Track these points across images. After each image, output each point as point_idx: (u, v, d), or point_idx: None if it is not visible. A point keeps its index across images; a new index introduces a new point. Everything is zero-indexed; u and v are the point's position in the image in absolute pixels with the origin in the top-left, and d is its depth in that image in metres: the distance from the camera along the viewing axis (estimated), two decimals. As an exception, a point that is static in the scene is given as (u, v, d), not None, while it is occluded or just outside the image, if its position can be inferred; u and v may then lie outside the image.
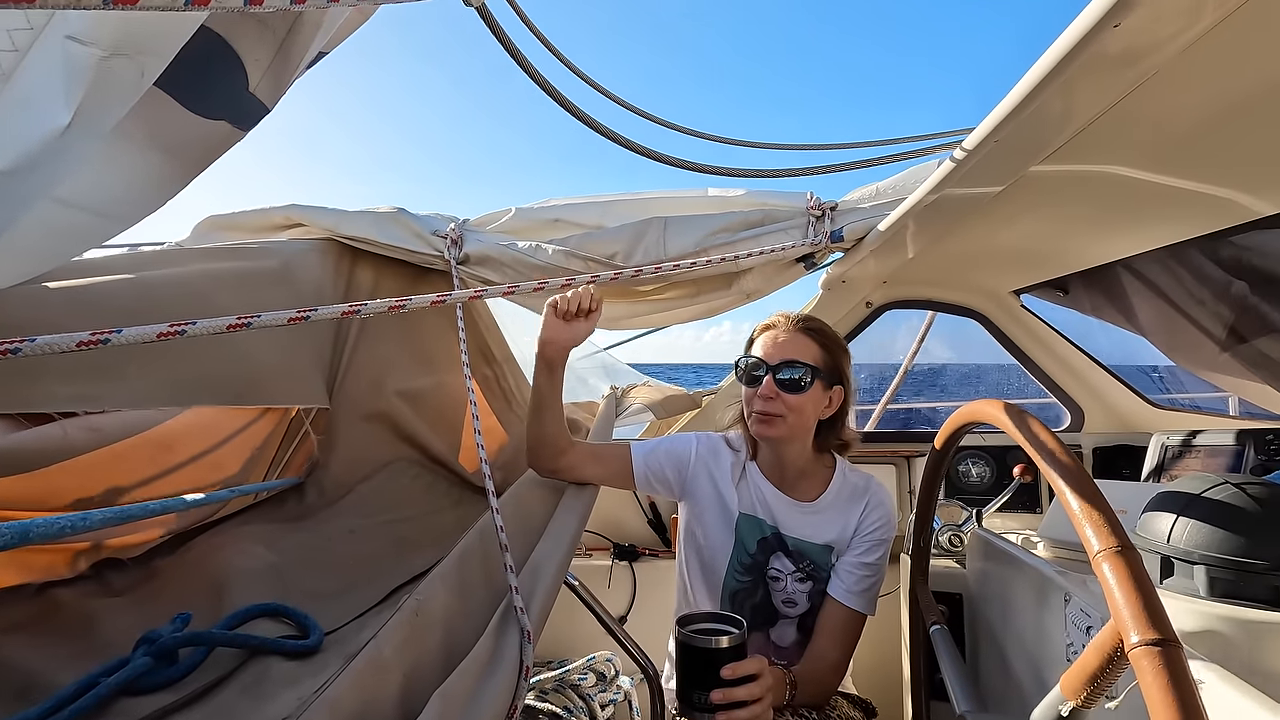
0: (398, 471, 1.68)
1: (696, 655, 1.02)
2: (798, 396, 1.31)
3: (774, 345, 1.34)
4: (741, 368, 1.38)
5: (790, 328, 1.36)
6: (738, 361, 1.40)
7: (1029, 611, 1.06)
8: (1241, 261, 1.46)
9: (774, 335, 1.36)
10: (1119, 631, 0.47)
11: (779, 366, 1.31)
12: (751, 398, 1.34)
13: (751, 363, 1.35)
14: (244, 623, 0.91)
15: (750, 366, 1.35)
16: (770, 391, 1.31)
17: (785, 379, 1.30)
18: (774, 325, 1.39)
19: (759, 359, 1.34)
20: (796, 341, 1.34)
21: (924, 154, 1.78)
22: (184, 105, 0.92)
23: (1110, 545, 0.51)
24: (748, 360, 1.36)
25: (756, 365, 1.34)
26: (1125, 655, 0.46)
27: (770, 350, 1.34)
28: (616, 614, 2.17)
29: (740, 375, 1.38)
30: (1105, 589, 0.49)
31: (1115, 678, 0.54)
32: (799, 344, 1.33)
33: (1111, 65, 0.74)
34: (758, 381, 1.33)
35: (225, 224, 1.91)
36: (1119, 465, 2.03)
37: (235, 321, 0.77)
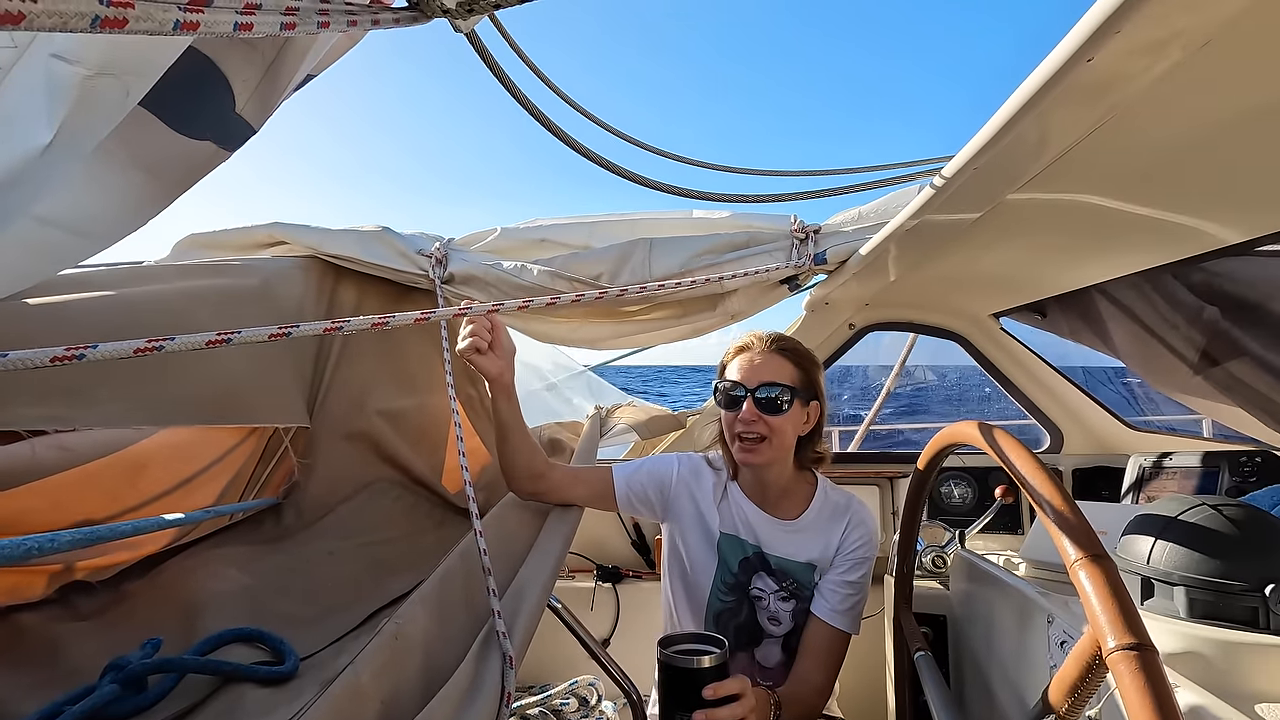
0: (379, 492, 1.65)
1: (678, 675, 1.01)
2: (778, 418, 1.32)
3: (751, 368, 1.35)
4: (720, 391, 1.38)
5: (765, 349, 1.37)
6: (715, 385, 1.41)
7: (1012, 633, 1.07)
8: (1213, 287, 1.49)
9: (750, 358, 1.37)
10: (1096, 639, 0.48)
11: (758, 389, 1.32)
12: (732, 421, 1.34)
13: (729, 385, 1.35)
14: (217, 648, 0.89)
15: (728, 389, 1.35)
16: (752, 415, 1.31)
17: (765, 400, 1.31)
18: (748, 347, 1.39)
19: (737, 382, 1.34)
20: (772, 362, 1.35)
21: (905, 180, 1.82)
22: (169, 125, 0.91)
23: (1086, 554, 0.51)
24: (725, 384, 1.37)
25: (735, 388, 1.34)
26: (1103, 662, 0.47)
27: (748, 373, 1.34)
28: (599, 636, 2.15)
29: (718, 399, 1.39)
30: (1082, 596, 0.50)
31: (1096, 686, 0.54)
32: (775, 364, 1.34)
33: (1084, 97, 0.76)
34: (737, 405, 1.33)
35: (206, 242, 1.89)
36: (1098, 486, 2.06)
37: (215, 337, 0.77)
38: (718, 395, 1.39)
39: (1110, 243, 1.35)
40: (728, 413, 1.36)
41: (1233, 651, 0.73)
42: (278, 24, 0.56)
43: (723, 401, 1.38)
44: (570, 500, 1.38)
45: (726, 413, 1.37)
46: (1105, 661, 0.46)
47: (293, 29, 0.57)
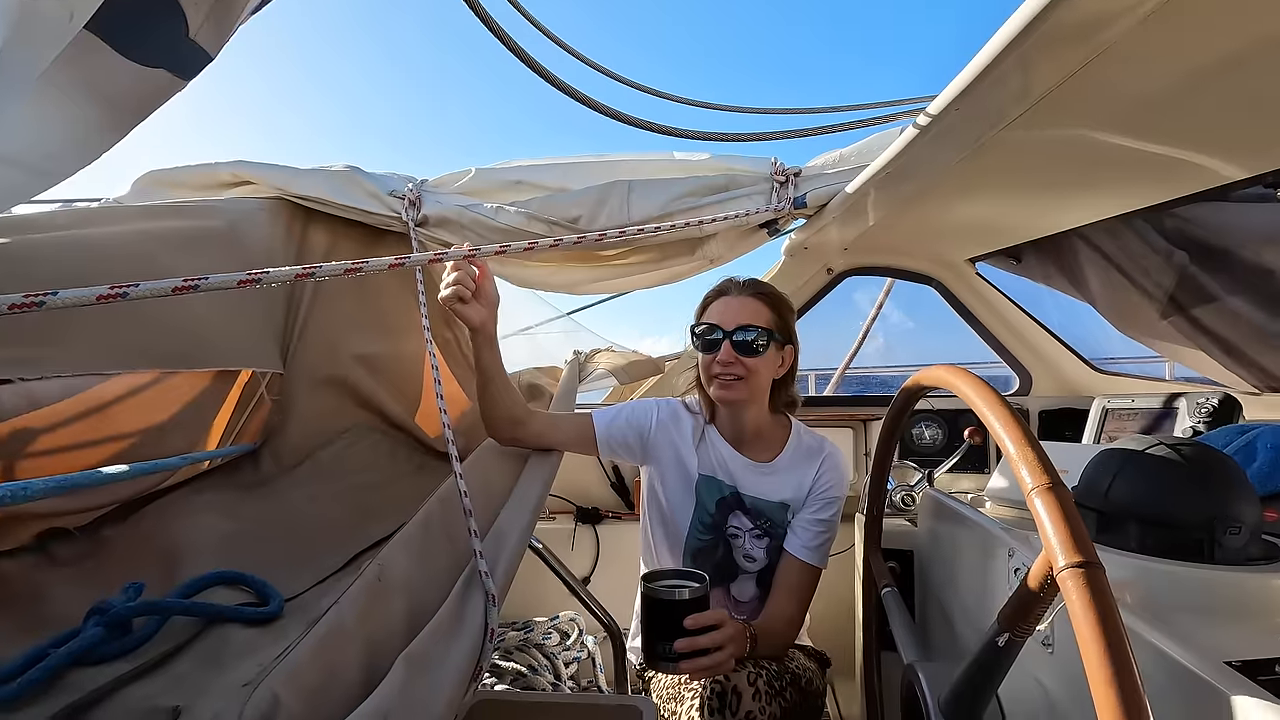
0: (357, 437, 1.65)
1: (660, 607, 1.06)
2: (755, 359, 1.34)
3: (728, 311, 1.37)
4: (697, 334, 1.40)
5: (742, 292, 1.39)
6: (693, 328, 1.42)
7: (975, 566, 1.11)
8: (1184, 232, 1.52)
9: (727, 301, 1.39)
10: (1049, 560, 0.50)
11: (735, 331, 1.34)
12: (710, 363, 1.37)
13: (706, 328, 1.37)
14: (200, 591, 0.90)
15: (706, 332, 1.38)
16: (729, 356, 1.34)
17: (742, 342, 1.33)
18: (725, 291, 1.42)
19: (714, 325, 1.36)
20: (749, 305, 1.37)
21: (888, 120, 1.79)
22: (119, 51, 0.86)
23: (1043, 483, 0.53)
24: (703, 327, 1.38)
25: (712, 331, 1.36)
26: (1055, 581, 0.49)
27: (725, 316, 1.36)
28: (580, 575, 2.21)
29: (696, 342, 1.41)
30: (1037, 521, 0.52)
31: (1047, 604, 0.58)
32: (752, 308, 1.36)
33: (1069, 37, 0.75)
34: (715, 347, 1.35)
35: (167, 180, 1.81)
36: (1063, 428, 2.13)
37: (181, 284, 0.74)
38: (695, 338, 1.40)
39: (1093, 184, 1.36)
40: (705, 355, 1.38)
41: (1178, 580, 0.77)
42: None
43: (700, 344, 1.40)
44: (550, 446, 1.40)
45: (704, 355, 1.39)
46: (1056, 580, 0.49)
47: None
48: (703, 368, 1.40)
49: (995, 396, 0.63)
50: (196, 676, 0.72)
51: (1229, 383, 1.83)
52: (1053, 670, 0.82)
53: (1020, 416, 0.61)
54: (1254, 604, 0.75)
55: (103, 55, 0.85)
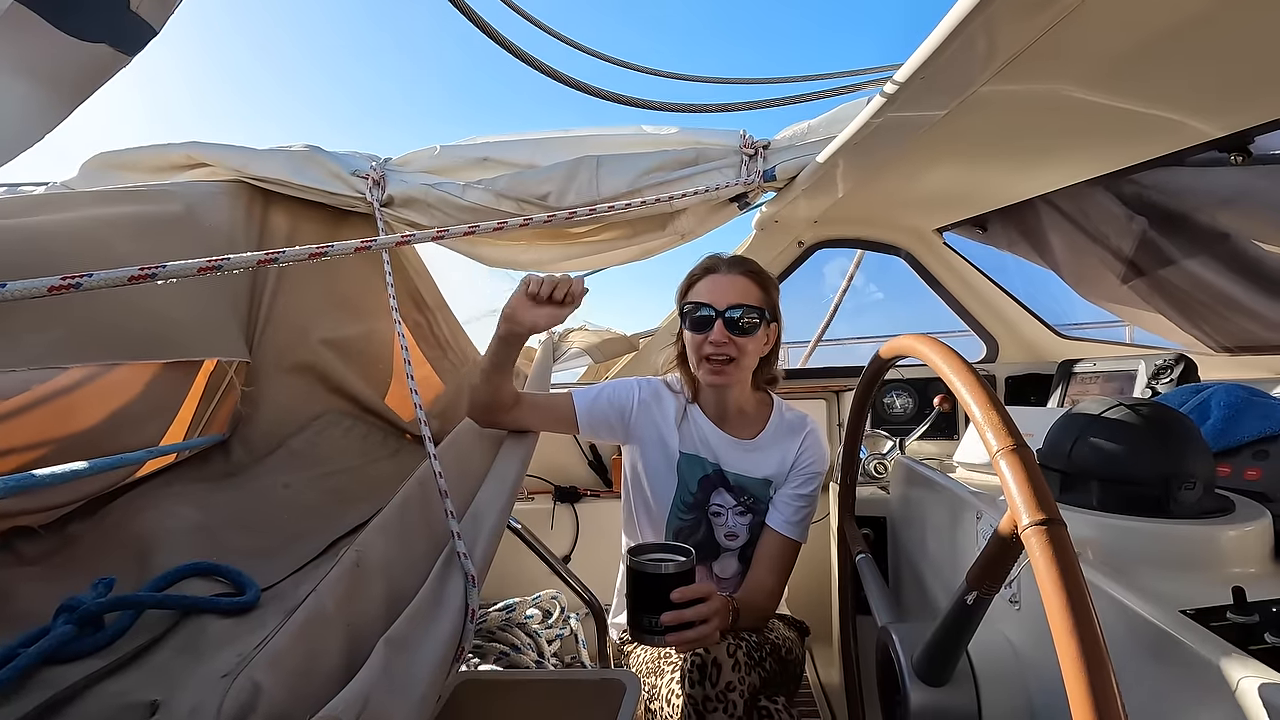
0: (330, 423, 1.63)
1: (647, 580, 1.07)
2: (747, 338, 1.33)
3: (718, 289, 1.35)
4: (686, 313, 1.37)
5: (731, 270, 1.37)
6: (681, 307, 1.39)
7: (945, 530, 1.15)
8: (1142, 198, 1.55)
9: (716, 279, 1.36)
10: (1014, 519, 0.52)
11: (727, 310, 1.32)
12: (701, 343, 1.34)
13: (697, 307, 1.35)
14: (174, 584, 0.89)
15: (696, 311, 1.35)
16: (722, 336, 1.32)
17: (734, 321, 1.32)
18: (714, 268, 1.39)
19: (705, 303, 1.34)
20: (739, 283, 1.35)
21: (854, 89, 1.79)
22: (55, 25, 0.82)
23: (1007, 444, 0.55)
24: (692, 305, 1.36)
25: (703, 309, 1.34)
26: (1019, 539, 0.51)
27: (716, 295, 1.34)
28: (560, 554, 2.22)
29: (685, 321, 1.38)
30: (1002, 482, 0.54)
31: (1012, 561, 0.60)
32: (741, 286, 1.35)
33: (1032, 2, 0.75)
34: (707, 326, 1.33)
35: (118, 162, 1.75)
36: (1028, 393, 2.18)
37: (138, 273, 0.72)
38: (685, 317, 1.38)
39: (1053, 152, 1.38)
40: (695, 334, 1.35)
41: (1135, 535, 0.80)
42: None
43: (690, 323, 1.37)
44: (531, 428, 1.39)
45: (694, 334, 1.36)
46: (1020, 538, 0.50)
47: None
48: (692, 348, 1.37)
49: (962, 364, 0.65)
50: (174, 669, 0.71)
51: (1185, 344, 1.88)
52: (1019, 626, 0.85)
53: (986, 382, 0.62)
54: (1207, 555, 0.78)
55: (36, 29, 0.81)
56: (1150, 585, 0.72)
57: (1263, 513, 0.82)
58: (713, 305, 1.33)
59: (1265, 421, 1.04)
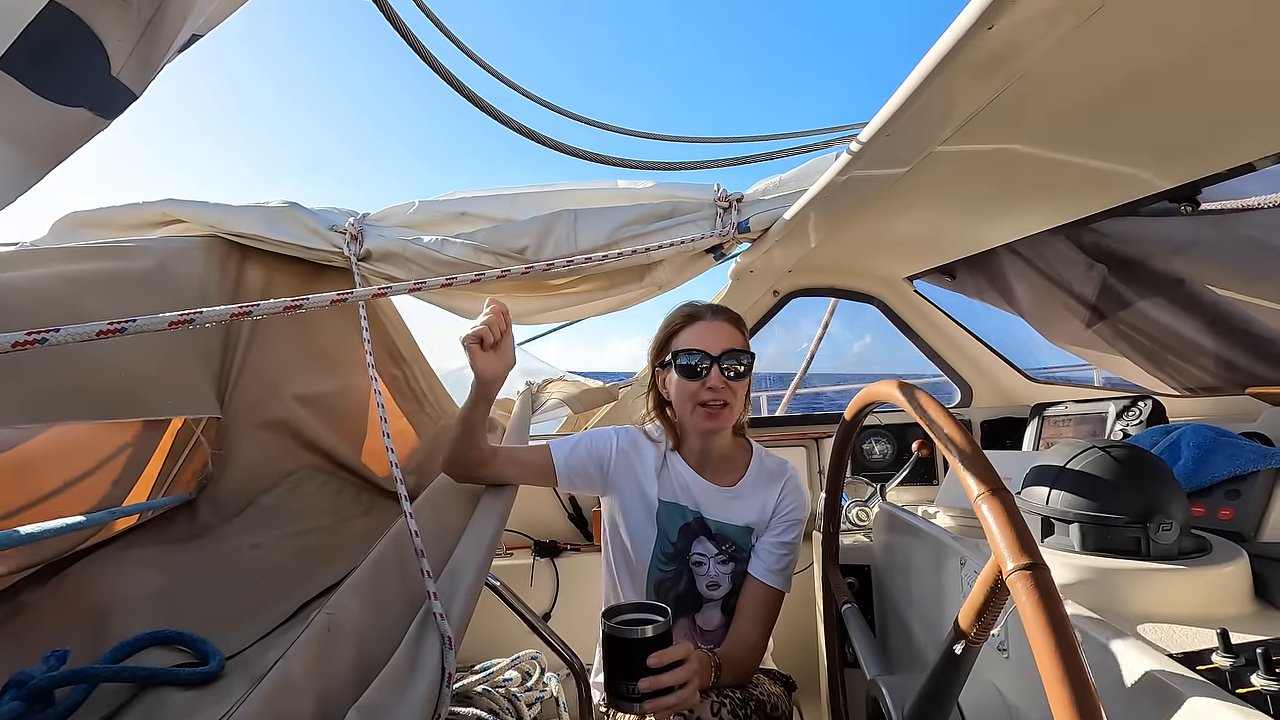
0: (302, 480, 1.59)
1: (622, 646, 1.03)
2: (740, 383, 1.35)
3: (709, 335, 1.35)
4: (679, 362, 1.35)
5: (717, 317, 1.38)
6: (674, 354, 1.37)
7: (930, 576, 1.14)
8: (1101, 246, 1.61)
9: (705, 326, 1.37)
10: (998, 564, 0.52)
11: (722, 356, 1.32)
12: (697, 390, 1.33)
13: (691, 354, 1.34)
14: (131, 654, 0.84)
15: (691, 359, 1.34)
16: (719, 382, 1.32)
17: (730, 367, 1.32)
18: (698, 315, 1.39)
19: (700, 350, 1.33)
20: (727, 330, 1.37)
21: (823, 146, 1.86)
22: (33, 90, 0.82)
23: (987, 488, 0.55)
24: (686, 352, 1.35)
25: (699, 357, 1.33)
26: (1005, 584, 0.51)
27: (708, 341, 1.34)
28: (540, 611, 2.16)
29: (677, 368, 1.36)
30: (984, 527, 0.54)
31: (999, 608, 0.59)
32: (729, 332, 1.36)
33: (988, 63, 0.79)
34: (703, 373, 1.32)
35: (91, 221, 1.73)
36: (1003, 436, 2.20)
37: (106, 327, 0.71)
38: (677, 365, 1.36)
39: (1017, 202, 1.43)
40: (689, 381, 1.34)
41: (1117, 577, 0.81)
42: (154, -22, 0.51)
43: (682, 371, 1.35)
44: (508, 481, 1.36)
45: (688, 381, 1.34)
46: (1006, 583, 0.50)
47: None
48: (686, 395, 1.35)
49: (939, 409, 0.65)
50: (128, 748, 0.67)
51: (1151, 386, 1.93)
52: (1009, 675, 0.84)
53: (964, 427, 0.63)
54: (1189, 596, 0.79)
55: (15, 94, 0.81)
56: (1136, 627, 0.71)
57: (1239, 553, 0.83)
58: (707, 351, 1.33)
59: (1234, 461, 1.06)
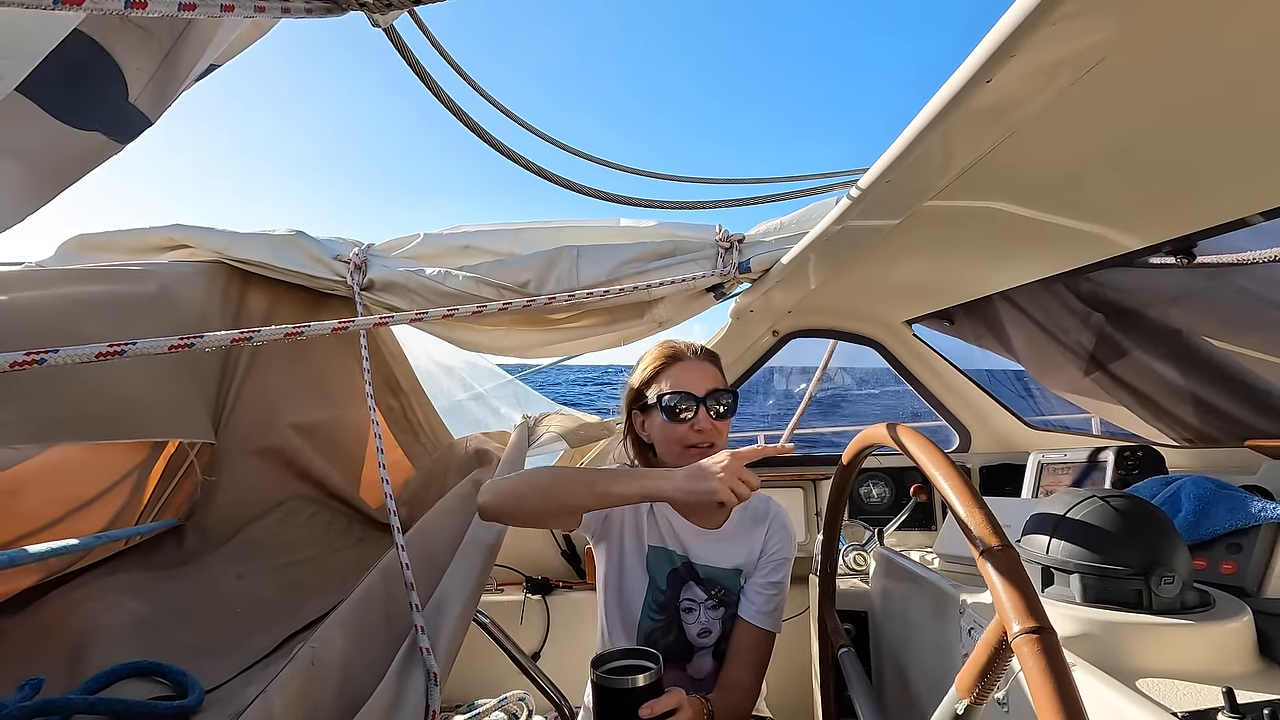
0: (293, 510, 1.57)
1: (613, 697, 1.00)
2: (725, 423, 1.33)
3: (693, 376, 1.33)
4: (664, 404, 1.31)
5: (699, 357, 1.37)
6: (659, 396, 1.34)
7: (928, 624, 1.12)
8: (1098, 295, 1.62)
9: (688, 366, 1.34)
10: (1002, 625, 0.51)
11: (708, 397, 1.30)
12: (686, 432, 1.30)
13: (677, 396, 1.31)
14: (108, 685, 0.82)
15: (677, 400, 1.31)
16: (707, 423, 1.29)
17: (717, 408, 1.31)
18: (679, 355, 1.36)
19: (684, 392, 1.31)
20: (710, 370, 1.35)
21: (824, 190, 1.88)
22: (51, 114, 0.84)
23: (992, 545, 0.54)
24: (673, 395, 1.31)
25: (685, 399, 1.30)
26: (1009, 646, 0.49)
27: (694, 382, 1.31)
28: (529, 650, 2.11)
29: (663, 411, 1.32)
30: (989, 585, 0.53)
31: (1003, 669, 0.58)
32: (712, 372, 1.35)
33: (985, 116, 0.81)
34: (689, 414, 1.30)
35: (97, 244, 1.75)
36: (1002, 483, 2.19)
37: (106, 349, 0.71)
38: (663, 407, 1.32)
39: (1013, 251, 1.45)
40: (675, 424, 1.31)
41: (1120, 631, 0.79)
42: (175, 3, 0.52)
43: (668, 413, 1.31)
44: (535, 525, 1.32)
45: (674, 424, 1.31)
46: (1010, 645, 0.49)
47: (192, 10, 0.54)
48: (672, 438, 1.32)
49: (941, 457, 0.65)
50: (98, 784, 0.65)
51: (1150, 435, 1.92)
52: (1009, 729, 0.82)
53: (967, 478, 0.62)
54: (1192, 652, 0.77)
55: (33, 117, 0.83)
56: (1138, 684, 0.70)
57: (1243, 609, 0.82)
58: (693, 393, 1.31)
59: (1235, 515, 1.05)
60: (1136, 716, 0.61)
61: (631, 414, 1.43)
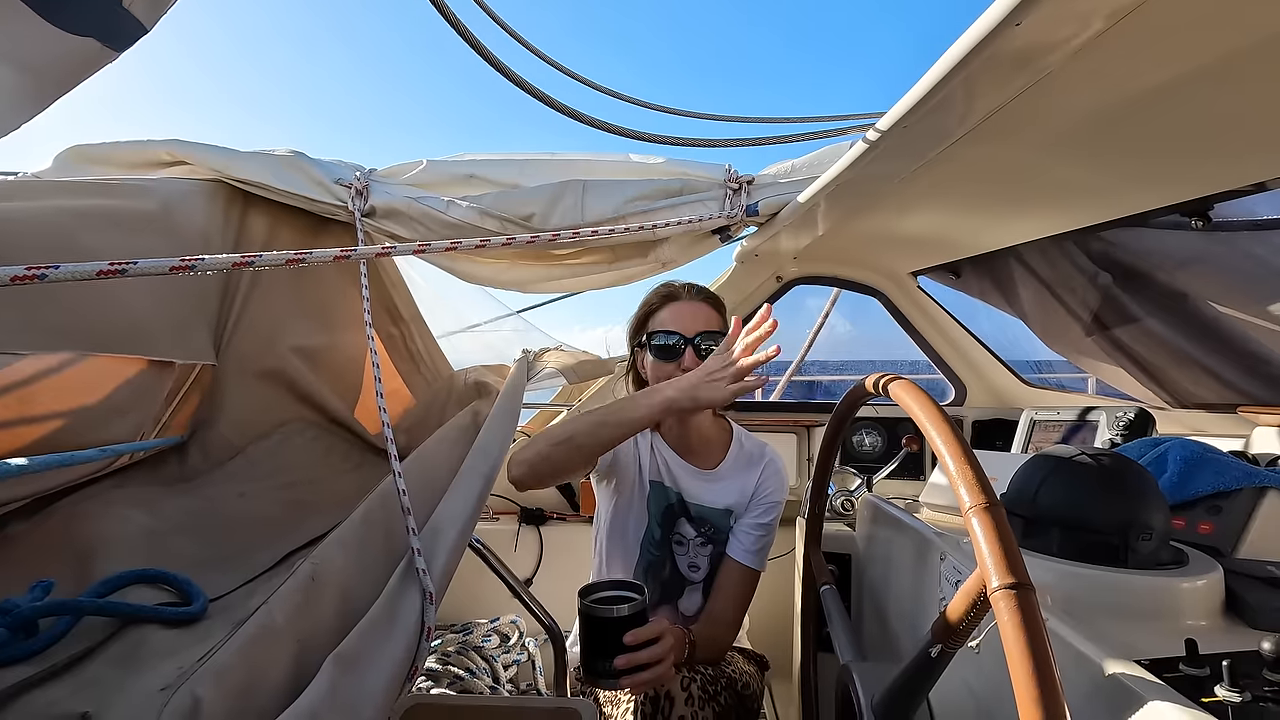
0: (293, 432, 1.59)
1: (598, 625, 1.05)
2: None
3: (685, 316, 1.35)
4: (654, 343, 1.36)
5: (693, 298, 1.38)
6: (649, 334, 1.38)
7: (909, 569, 1.15)
8: (1108, 255, 1.60)
9: (680, 307, 1.36)
10: (983, 578, 0.52)
11: (697, 337, 1.32)
12: (672, 371, 1.33)
13: (667, 335, 1.34)
14: (116, 590, 0.85)
15: (666, 340, 1.34)
16: (695, 364, 1.31)
17: (705, 349, 1.32)
18: (675, 295, 1.38)
19: (674, 331, 1.33)
20: (704, 311, 1.36)
21: (838, 134, 1.83)
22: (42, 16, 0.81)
23: (980, 502, 0.55)
24: (662, 333, 1.35)
25: (674, 338, 1.33)
26: (987, 599, 0.51)
27: (684, 322, 1.34)
28: (523, 577, 2.18)
29: (650, 349, 1.37)
30: (973, 540, 0.54)
31: (979, 620, 0.60)
32: (706, 313, 1.36)
33: (1012, 62, 0.78)
34: (677, 354, 1.32)
35: (94, 156, 1.71)
36: (994, 437, 2.22)
37: (107, 268, 0.70)
38: (649, 346, 1.36)
39: (1028, 205, 1.42)
40: (664, 363, 1.34)
41: (1096, 583, 0.82)
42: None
43: (657, 352, 1.35)
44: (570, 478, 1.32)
45: (663, 363, 1.35)
46: (989, 598, 0.51)
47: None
48: (661, 377, 1.35)
49: (937, 411, 0.65)
50: (109, 680, 0.68)
51: (1143, 398, 1.94)
52: (979, 672, 0.85)
53: (960, 433, 0.63)
54: (1161, 605, 0.80)
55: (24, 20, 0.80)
56: (1108, 633, 0.72)
57: (1214, 566, 0.84)
58: (681, 333, 1.32)
59: (1218, 478, 1.07)
60: (1102, 663, 0.64)
61: (633, 351, 1.45)
